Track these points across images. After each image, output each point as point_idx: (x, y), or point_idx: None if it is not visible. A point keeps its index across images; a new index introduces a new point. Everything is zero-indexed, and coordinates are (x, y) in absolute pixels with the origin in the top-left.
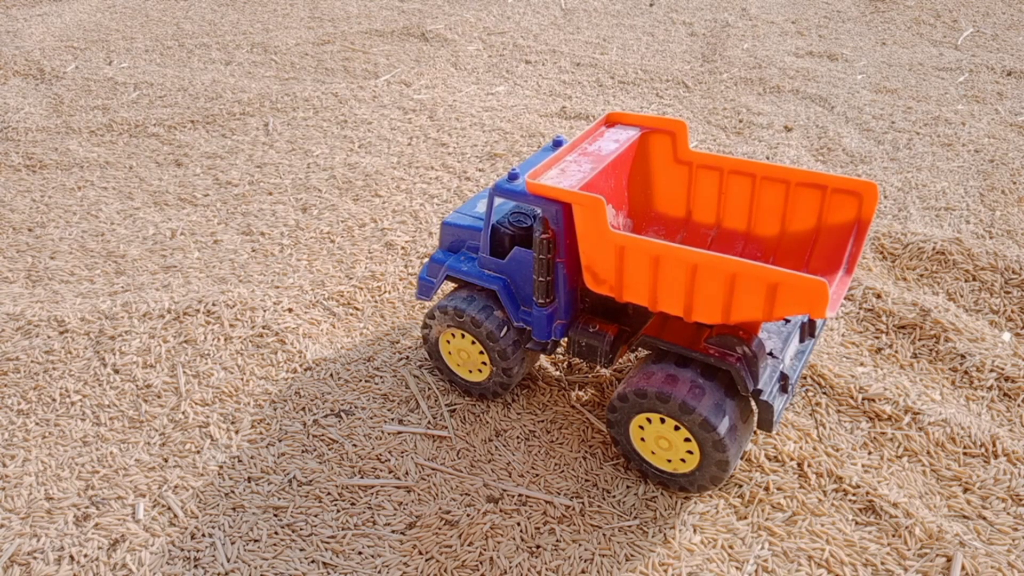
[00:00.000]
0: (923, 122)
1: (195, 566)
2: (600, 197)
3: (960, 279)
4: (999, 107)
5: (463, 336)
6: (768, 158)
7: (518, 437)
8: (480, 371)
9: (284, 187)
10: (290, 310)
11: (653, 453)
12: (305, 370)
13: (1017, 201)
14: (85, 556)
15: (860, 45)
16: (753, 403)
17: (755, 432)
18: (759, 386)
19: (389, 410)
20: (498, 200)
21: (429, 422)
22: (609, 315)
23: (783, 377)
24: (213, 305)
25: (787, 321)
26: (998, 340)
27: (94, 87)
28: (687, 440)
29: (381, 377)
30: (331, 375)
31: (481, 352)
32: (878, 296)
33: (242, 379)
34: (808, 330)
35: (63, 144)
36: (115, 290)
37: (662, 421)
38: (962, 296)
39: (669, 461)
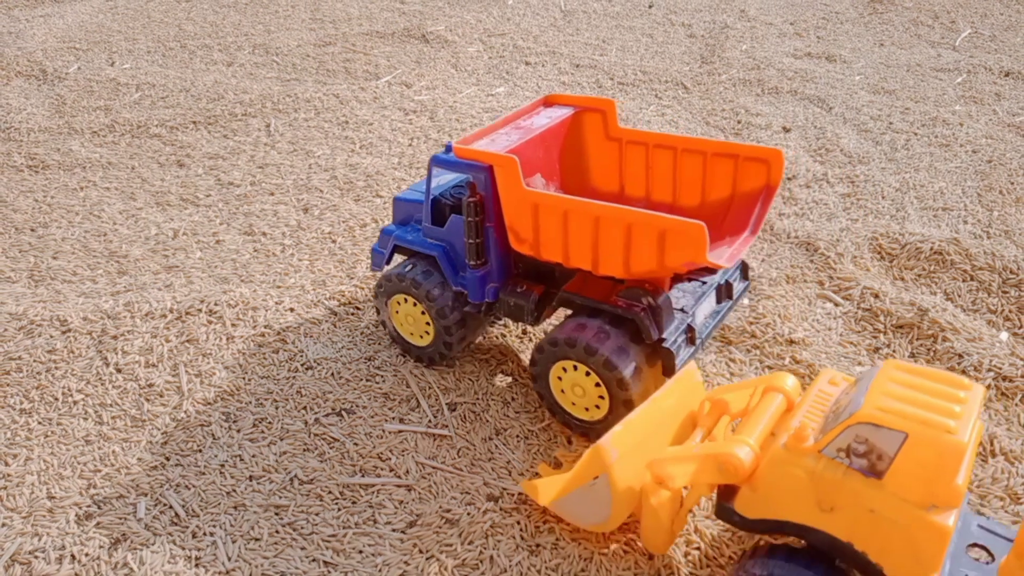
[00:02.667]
0: (921, 123)
1: (196, 565)
2: (514, 157)
3: (958, 279)
4: (997, 108)
5: (408, 301)
6: None
7: (518, 436)
8: (426, 335)
9: (286, 187)
10: (291, 310)
11: (573, 404)
12: (306, 369)
13: (1015, 201)
14: (87, 555)
15: (858, 46)
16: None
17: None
18: (663, 335)
19: (390, 409)
20: (450, 177)
21: (430, 421)
22: (539, 278)
23: (689, 330)
24: (215, 305)
25: (704, 282)
26: (995, 340)
27: (96, 88)
28: (597, 385)
29: (382, 376)
30: (332, 374)
31: (423, 313)
32: (876, 296)
33: (244, 378)
34: (725, 292)
35: (65, 144)
36: (117, 290)
37: (575, 368)
38: (960, 296)
39: (587, 410)
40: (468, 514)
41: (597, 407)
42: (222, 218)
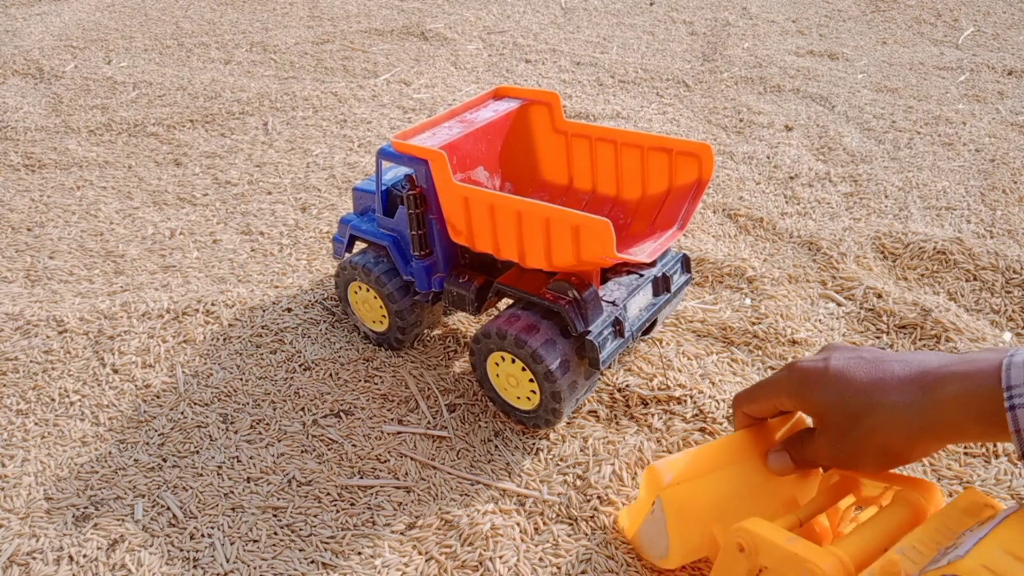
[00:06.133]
0: (924, 121)
1: (194, 566)
2: (442, 152)
3: (961, 279)
4: (1000, 106)
5: (364, 288)
6: (769, 157)
7: (517, 437)
8: (383, 321)
9: (283, 186)
10: (289, 310)
11: (508, 392)
12: (304, 370)
13: (1018, 201)
14: (84, 556)
15: (861, 44)
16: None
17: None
18: (589, 327)
19: (389, 410)
20: (394, 168)
21: (429, 422)
22: (482, 269)
23: (618, 323)
24: (212, 305)
25: (641, 275)
26: (999, 340)
27: (93, 86)
28: (530, 380)
29: (380, 377)
30: (330, 375)
31: (376, 297)
32: (879, 296)
33: (241, 379)
34: (663, 285)
35: (62, 143)
36: (114, 290)
37: (513, 361)
38: (963, 296)
39: (519, 399)
40: (468, 516)
41: (528, 399)
42: (219, 217)
